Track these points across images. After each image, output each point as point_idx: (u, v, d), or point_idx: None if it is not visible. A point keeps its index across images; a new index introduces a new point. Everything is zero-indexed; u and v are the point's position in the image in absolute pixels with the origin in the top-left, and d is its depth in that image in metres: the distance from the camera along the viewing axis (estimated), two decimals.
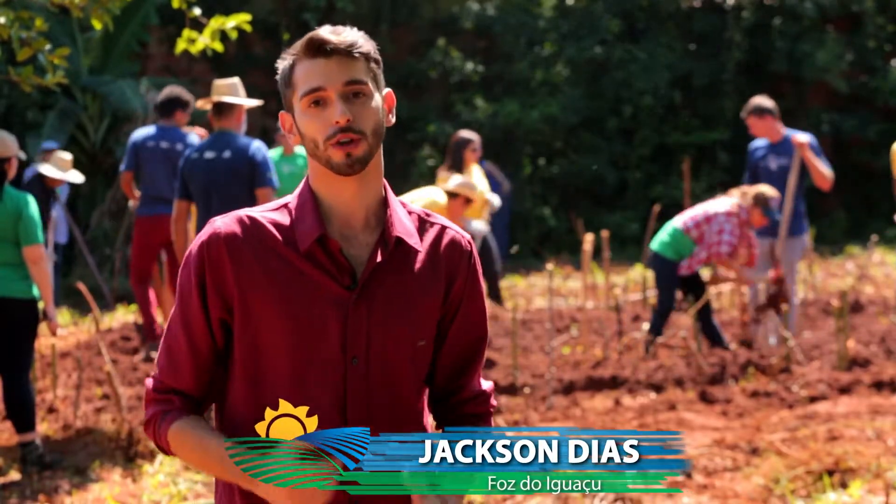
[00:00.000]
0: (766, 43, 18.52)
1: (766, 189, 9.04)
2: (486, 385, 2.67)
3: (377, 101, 2.46)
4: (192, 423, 2.47)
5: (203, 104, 8.17)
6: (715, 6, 19.03)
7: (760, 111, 9.60)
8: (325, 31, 2.44)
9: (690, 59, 18.57)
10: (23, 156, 6.93)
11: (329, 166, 2.44)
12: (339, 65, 2.42)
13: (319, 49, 2.43)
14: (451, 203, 9.11)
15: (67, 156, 10.60)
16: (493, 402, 2.68)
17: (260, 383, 2.47)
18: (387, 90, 2.52)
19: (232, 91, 8.05)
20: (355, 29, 2.48)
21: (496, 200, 10.73)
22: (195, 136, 10.08)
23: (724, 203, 9.16)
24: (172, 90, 9.70)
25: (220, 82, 8.08)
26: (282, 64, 2.49)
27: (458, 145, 10.53)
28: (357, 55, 2.44)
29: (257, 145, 7.95)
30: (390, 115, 2.52)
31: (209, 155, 7.95)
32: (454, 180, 9.25)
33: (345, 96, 2.42)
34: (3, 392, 6.72)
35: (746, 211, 9.00)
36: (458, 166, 10.43)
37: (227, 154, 7.90)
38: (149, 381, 2.52)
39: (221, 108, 8.01)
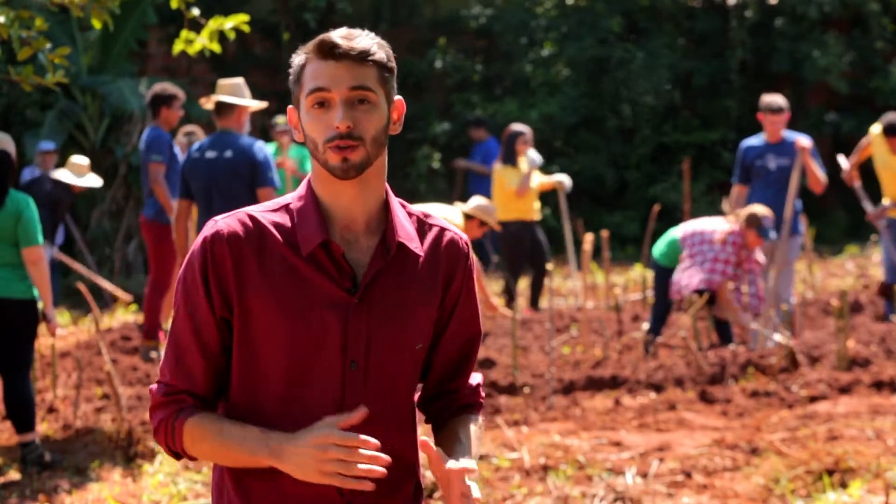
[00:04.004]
0: (768, 43, 18.50)
1: (758, 209, 9.01)
2: (476, 380, 2.67)
3: (383, 109, 2.44)
4: (209, 416, 2.46)
5: (205, 103, 8.17)
6: (716, 6, 19.01)
7: (779, 109, 9.62)
8: (338, 35, 2.43)
9: (691, 59, 18.55)
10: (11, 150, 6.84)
11: (326, 168, 2.44)
12: (348, 69, 2.41)
13: (329, 52, 2.41)
14: (466, 224, 9.14)
15: (83, 160, 10.52)
16: (482, 393, 2.68)
17: (258, 384, 2.46)
18: (397, 98, 2.50)
19: (235, 91, 8.05)
20: (372, 35, 2.46)
21: (567, 181, 11.46)
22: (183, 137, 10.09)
23: (720, 227, 9.11)
24: (154, 87, 9.66)
25: (223, 82, 8.08)
26: (296, 59, 2.47)
27: (511, 138, 11.27)
28: (369, 62, 2.42)
29: (259, 145, 7.96)
30: (397, 124, 2.51)
31: (210, 154, 7.95)
32: (473, 202, 9.35)
33: (349, 102, 2.41)
34: (3, 392, 6.72)
35: (741, 235, 8.98)
36: (512, 158, 11.16)
37: (228, 154, 7.91)
38: (154, 387, 2.49)
39: (222, 108, 8.01)
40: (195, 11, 6.36)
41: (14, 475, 6.60)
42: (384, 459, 2.32)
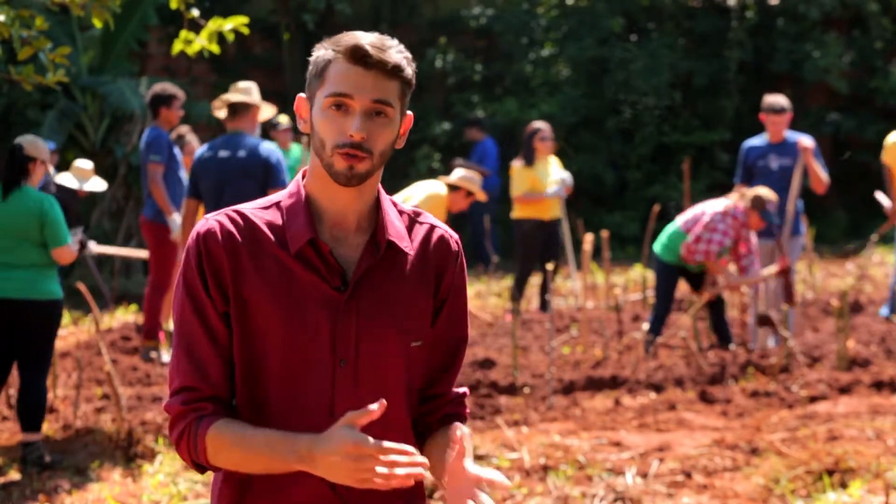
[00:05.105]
0: (768, 43, 18.50)
1: (765, 192, 9.00)
2: (462, 390, 2.66)
3: (396, 125, 2.45)
4: (230, 423, 2.41)
5: (219, 107, 8.21)
6: (716, 6, 19.01)
7: (781, 109, 9.61)
8: (370, 42, 2.41)
9: (691, 59, 18.54)
10: (51, 169, 6.94)
11: (329, 171, 2.43)
12: (375, 80, 2.40)
13: (361, 58, 2.40)
14: (451, 196, 9.12)
15: (87, 164, 10.49)
16: (468, 405, 2.67)
17: (254, 380, 2.46)
18: (408, 113, 2.50)
19: (249, 94, 8.15)
20: (401, 47, 2.45)
21: (569, 178, 11.53)
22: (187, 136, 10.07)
23: (721, 203, 9.15)
24: (153, 88, 9.67)
25: (239, 84, 8.21)
26: (319, 52, 2.45)
27: (529, 136, 11.30)
28: (396, 77, 2.42)
29: (272, 147, 8.04)
30: (403, 138, 2.50)
31: (223, 154, 8.01)
32: (457, 173, 9.27)
33: (368, 112, 2.40)
34: (19, 391, 6.75)
35: (744, 213, 8.97)
36: (530, 156, 11.23)
37: (241, 154, 7.97)
38: (169, 401, 2.45)
39: (237, 110, 8.07)
40: (195, 12, 6.36)
41: (14, 475, 6.60)
42: (422, 462, 2.28)
